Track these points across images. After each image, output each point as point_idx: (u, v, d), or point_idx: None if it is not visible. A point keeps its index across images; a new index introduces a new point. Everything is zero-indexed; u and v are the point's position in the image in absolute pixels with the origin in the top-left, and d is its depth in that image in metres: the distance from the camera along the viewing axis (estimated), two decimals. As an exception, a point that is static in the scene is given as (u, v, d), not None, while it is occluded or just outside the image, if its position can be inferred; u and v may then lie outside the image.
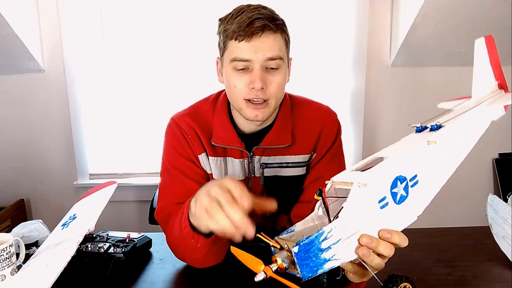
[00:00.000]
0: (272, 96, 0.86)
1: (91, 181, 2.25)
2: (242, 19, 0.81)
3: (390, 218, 0.56)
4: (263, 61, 0.82)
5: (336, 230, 0.52)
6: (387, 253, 0.55)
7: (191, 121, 0.96)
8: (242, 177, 0.97)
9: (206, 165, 0.96)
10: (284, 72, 0.87)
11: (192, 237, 0.76)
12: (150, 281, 0.85)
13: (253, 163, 0.96)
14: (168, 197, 0.94)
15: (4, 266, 0.75)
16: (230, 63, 0.85)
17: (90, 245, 0.90)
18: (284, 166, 0.97)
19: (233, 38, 0.83)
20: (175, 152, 0.96)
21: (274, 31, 0.83)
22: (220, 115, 0.96)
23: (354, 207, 0.53)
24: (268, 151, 0.96)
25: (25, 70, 2.11)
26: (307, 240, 0.51)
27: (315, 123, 0.98)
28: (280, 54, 0.84)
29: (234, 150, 0.95)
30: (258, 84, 0.82)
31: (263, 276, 0.52)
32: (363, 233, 0.54)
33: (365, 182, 0.53)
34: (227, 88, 0.90)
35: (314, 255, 0.51)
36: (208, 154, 0.96)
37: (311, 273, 0.51)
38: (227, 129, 0.95)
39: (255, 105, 0.85)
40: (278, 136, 0.95)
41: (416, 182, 0.58)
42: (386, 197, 0.55)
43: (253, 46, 0.81)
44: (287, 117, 0.97)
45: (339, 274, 0.67)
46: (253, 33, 0.81)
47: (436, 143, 0.60)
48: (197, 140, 0.95)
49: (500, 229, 0.90)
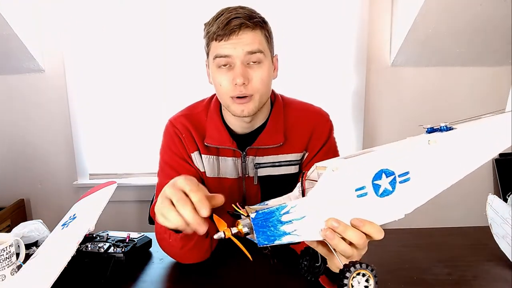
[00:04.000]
0: (255, 91, 0.87)
1: (91, 181, 2.26)
2: (221, 20, 0.85)
3: (368, 209, 0.56)
4: (243, 55, 0.84)
5: (301, 207, 0.54)
6: (356, 241, 0.55)
7: (186, 121, 0.99)
8: (235, 176, 0.99)
9: (198, 163, 0.99)
10: (267, 67, 0.88)
11: (165, 232, 0.83)
12: (150, 281, 0.85)
13: (246, 163, 0.98)
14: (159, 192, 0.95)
15: (4, 266, 0.75)
16: (213, 62, 0.88)
17: (90, 245, 0.91)
18: (277, 165, 0.98)
19: (214, 39, 0.86)
20: (170, 151, 0.99)
21: (252, 28, 0.85)
22: (213, 116, 0.99)
23: (324, 189, 0.54)
24: (261, 151, 0.97)
25: (25, 70, 2.12)
26: (267, 210, 0.53)
27: (307, 123, 0.99)
28: (260, 48, 0.86)
29: (226, 150, 0.97)
30: (239, 79, 0.84)
31: (222, 235, 0.55)
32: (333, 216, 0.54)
33: (337, 167, 0.54)
34: (215, 88, 0.92)
35: (272, 225, 0.53)
36: (201, 152, 0.98)
37: (267, 241, 0.54)
38: (219, 129, 0.97)
39: (240, 100, 0.87)
40: (271, 136, 0.96)
41: (407, 179, 0.57)
42: (365, 186, 0.55)
43: (232, 43, 0.84)
44: (279, 118, 0.99)
45: (319, 261, 0.69)
46: (231, 31, 0.84)
47: (436, 143, 0.58)
48: (191, 139, 0.98)
49: (500, 229, 0.90)
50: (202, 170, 0.99)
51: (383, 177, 0.56)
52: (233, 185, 0.99)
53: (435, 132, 0.61)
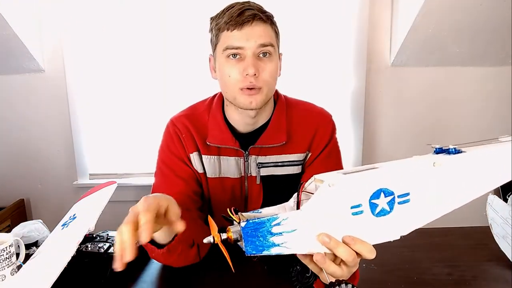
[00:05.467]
0: (264, 83, 0.87)
1: (91, 181, 2.25)
2: (233, 11, 0.85)
3: (362, 227, 0.54)
4: (255, 48, 0.85)
5: (292, 220, 0.53)
6: (345, 258, 0.53)
7: (187, 121, 0.98)
8: (237, 175, 0.99)
9: (197, 164, 0.98)
10: (275, 61, 0.89)
11: (145, 245, 0.78)
12: (150, 281, 0.85)
13: (249, 162, 0.97)
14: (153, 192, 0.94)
15: (4, 266, 0.75)
16: (223, 53, 0.87)
17: (90, 245, 0.91)
18: (279, 165, 0.98)
19: (225, 29, 0.86)
20: (168, 151, 0.99)
21: (264, 21, 0.86)
22: (215, 115, 0.98)
23: (319, 204, 0.53)
24: (264, 151, 0.97)
25: (25, 70, 2.11)
26: (257, 220, 0.53)
27: (310, 123, 0.99)
28: (271, 41, 0.87)
29: (228, 149, 0.97)
30: (251, 70, 0.84)
31: (211, 240, 0.55)
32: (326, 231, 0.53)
33: (334, 183, 0.52)
34: (221, 80, 0.91)
35: (262, 236, 0.53)
36: (202, 153, 0.97)
37: (255, 251, 0.53)
38: (222, 128, 0.96)
39: (249, 91, 0.87)
40: (273, 135, 0.96)
41: (407, 200, 0.55)
42: (361, 205, 0.53)
43: (245, 33, 0.84)
44: (282, 117, 0.98)
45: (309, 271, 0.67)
46: (244, 21, 0.84)
47: (442, 166, 0.56)
48: (191, 139, 0.97)
49: (500, 229, 0.90)
50: (200, 171, 0.98)
51: (381, 196, 0.54)
52: (235, 184, 0.99)
53: (442, 153, 0.59)
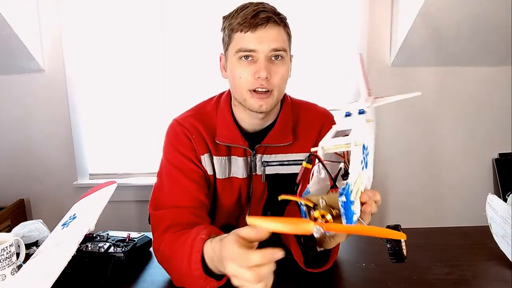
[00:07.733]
0: (275, 86, 0.87)
1: (91, 181, 2.25)
2: (247, 12, 0.85)
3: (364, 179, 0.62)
4: (268, 51, 0.85)
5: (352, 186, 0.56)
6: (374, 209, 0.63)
7: (195, 121, 0.97)
8: (245, 175, 0.98)
9: (208, 165, 0.96)
10: (287, 65, 0.89)
11: (204, 279, 0.70)
12: (150, 281, 0.85)
13: (255, 161, 0.98)
14: (164, 197, 0.93)
15: (4, 266, 0.75)
16: (235, 54, 0.87)
17: (90, 244, 0.91)
18: (285, 163, 0.98)
19: (238, 30, 0.85)
20: (175, 151, 0.96)
21: (278, 24, 0.86)
22: (224, 114, 0.97)
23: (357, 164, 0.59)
24: (269, 149, 0.97)
25: (25, 70, 2.12)
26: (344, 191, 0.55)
27: (314, 123, 1.00)
28: (284, 46, 0.87)
29: (237, 149, 0.96)
30: (263, 73, 0.84)
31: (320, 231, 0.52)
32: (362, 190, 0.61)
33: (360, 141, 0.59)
34: (231, 80, 0.91)
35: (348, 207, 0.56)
36: (213, 154, 0.96)
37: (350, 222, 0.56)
38: (231, 127, 0.96)
39: (259, 95, 0.87)
40: (280, 135, 0.96)
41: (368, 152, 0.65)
42: (362, 160, 0.61)
43: (258, 36, 0.84)
44: (288, 117, 0.99)
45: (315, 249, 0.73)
46: (258, 23, 0.83)
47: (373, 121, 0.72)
48: (201, 140, 0.95)
49: (500, 229, 0.90)
50: (210, 173, 0.96)
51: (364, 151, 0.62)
52: (242, 184, 0.99)
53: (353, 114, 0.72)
